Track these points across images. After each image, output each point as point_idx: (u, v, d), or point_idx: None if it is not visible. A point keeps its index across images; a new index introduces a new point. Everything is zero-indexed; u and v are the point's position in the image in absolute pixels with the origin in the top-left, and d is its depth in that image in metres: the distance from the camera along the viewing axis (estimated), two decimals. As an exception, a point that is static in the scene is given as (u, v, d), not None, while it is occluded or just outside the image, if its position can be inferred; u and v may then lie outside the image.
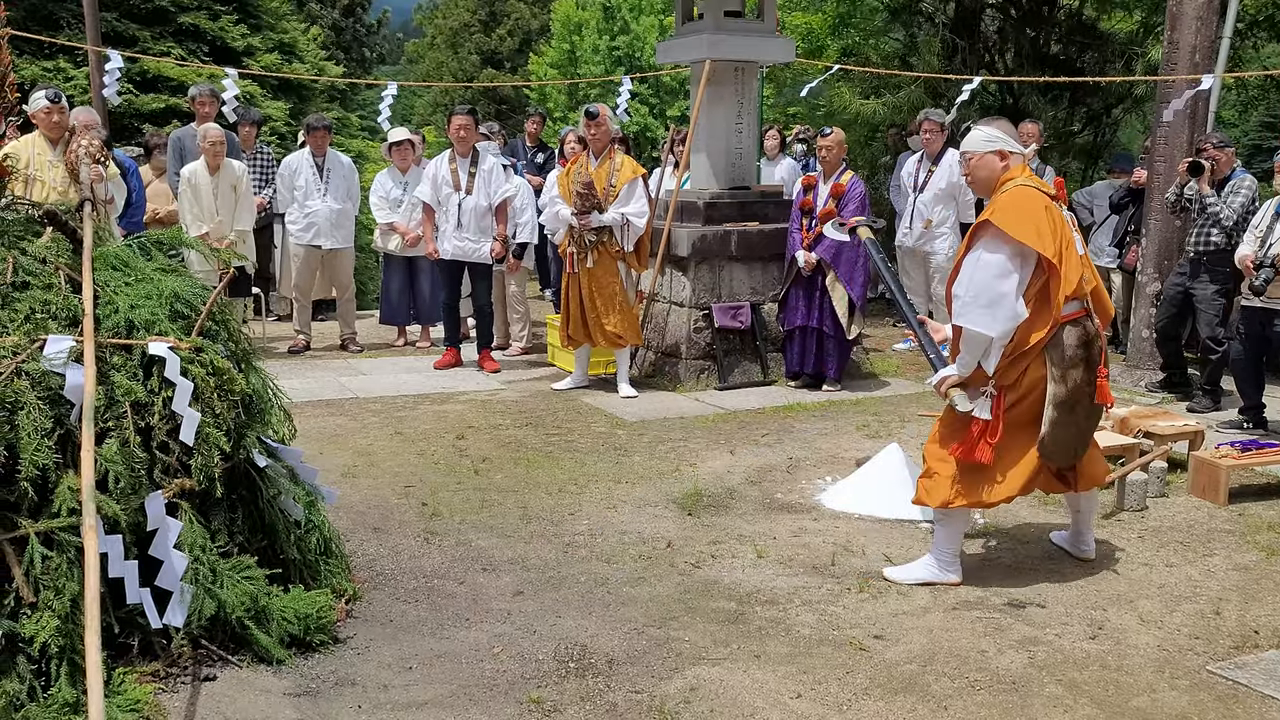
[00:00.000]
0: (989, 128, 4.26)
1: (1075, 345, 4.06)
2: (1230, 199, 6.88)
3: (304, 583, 3.80)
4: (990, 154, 4.20)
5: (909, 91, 11.50)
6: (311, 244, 8.90)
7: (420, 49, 35.48)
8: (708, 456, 6.02)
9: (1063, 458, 4.21)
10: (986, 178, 4.22)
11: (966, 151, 4.28)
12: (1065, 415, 4.08)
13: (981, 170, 4.22)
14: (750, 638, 3.78)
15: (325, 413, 6.86)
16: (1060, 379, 4.07)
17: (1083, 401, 4.11)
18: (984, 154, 4.21)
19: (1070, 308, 4.07)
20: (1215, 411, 7.08)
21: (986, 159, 4.20)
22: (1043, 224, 4.00)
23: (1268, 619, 3.97)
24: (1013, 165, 4.19)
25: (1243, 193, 6.89)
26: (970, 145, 4.26)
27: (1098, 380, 4.14)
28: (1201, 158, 6.98)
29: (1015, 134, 4.31)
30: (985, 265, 4.02)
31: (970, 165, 4.26)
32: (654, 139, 23.95)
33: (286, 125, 14.86)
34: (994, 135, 4.21)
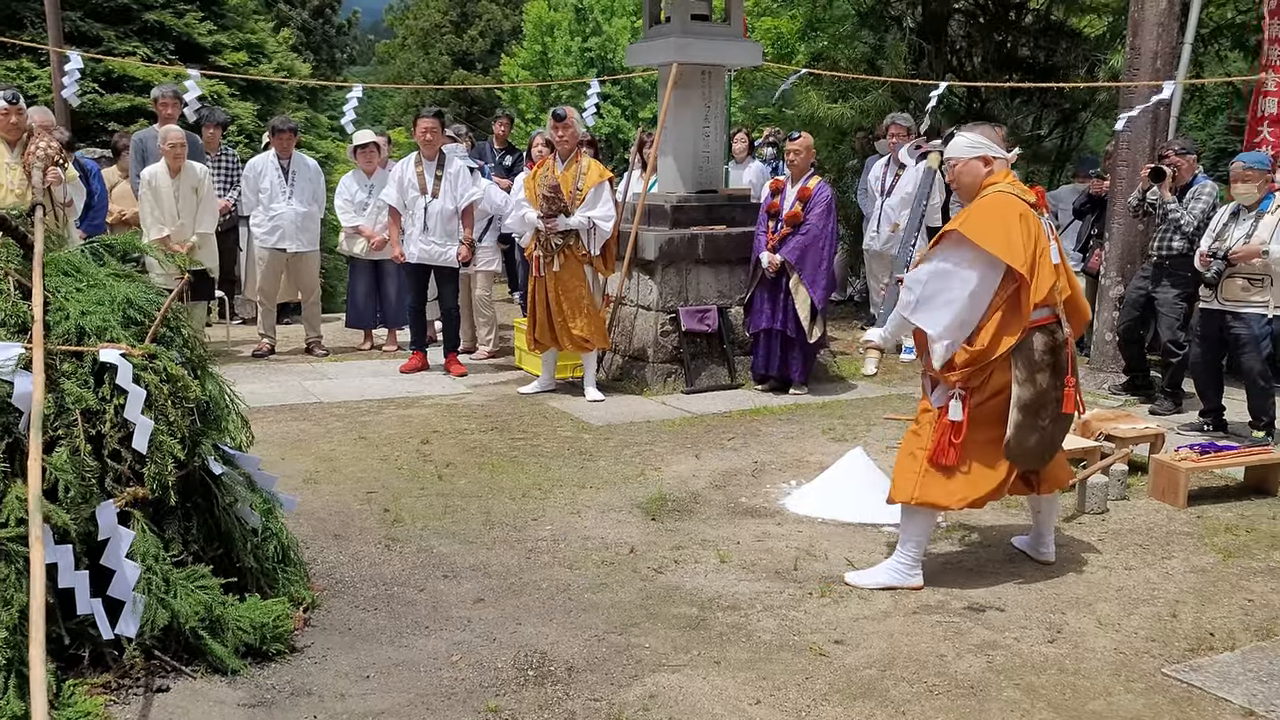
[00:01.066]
0: (973, 133, 4.31)
1: (1043, 350, 4.09)
2: (1191, 205, 6.95)
3: (261, 591, 3.76)
4: (974, 160, 4.24)
5: (876, 95, 11.55)
6: (276, 247, 8.83)
7: (391, 49, 35.29)
8: (673, 461, 6.02)
9: (1028, 461, 4.24)
10: (970, 183, 4.27)
11: (951, 158, 4.33)
12: (1030, 419, 4.11)
13: (965, 176, 4.28)
14: (711, 644, 3.77)
15: (288, 417, 6.81)
16: (1025, 381, 4.09)
17: (1049, 406, 4.13)
18: (968, 160, 4.26)
19: (1040, 314, 4.10)
20: (1177, 414, 7.15)
21: (971, 165, 4.25)
22: (1014, 232, 4.03)
23: (1222, 621, 4.01)
24: (996, 170, 4.23)
25: (1203, 199, 6.96)
26: (954, 151, 4.31)
27: (1065, 388, 4.16)
28: (1163, 164, 7.04)
29: (1000, 139, 4.34)
30: (942, 273, 4.05)
31: (955, 171, 4.31)
32: (626, 140, 23.95)
33: (255, 125, 14.73)
34: (978, 141, 4.26)
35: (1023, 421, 4.11)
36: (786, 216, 7.41)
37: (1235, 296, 6.38)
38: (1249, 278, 6.33)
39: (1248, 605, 4.16)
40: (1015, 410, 4.10)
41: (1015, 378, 4.09)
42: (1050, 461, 4.35)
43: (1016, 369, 4.09)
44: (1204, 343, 6.59)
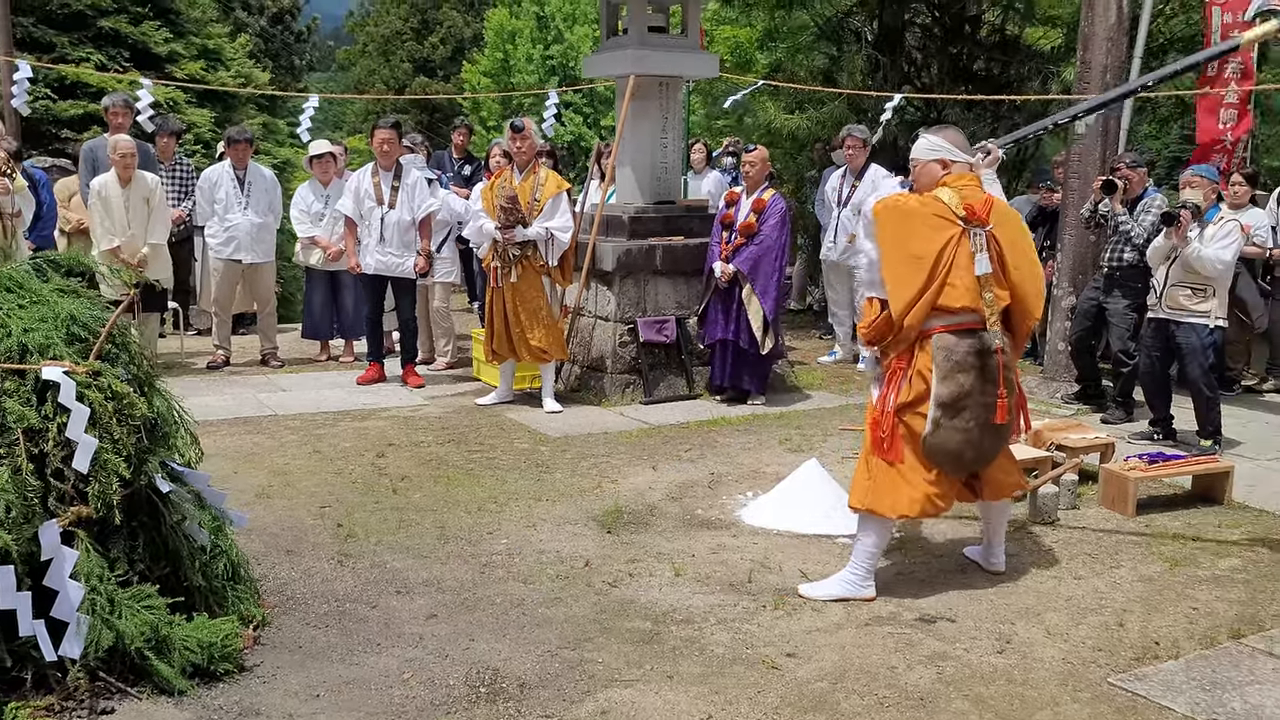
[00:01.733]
0: (935, 136, 4.44)
1: (966, 352, 4.17)
2: (1141, 217, 7.06)
3: (209, 610, 3.72)
4: (932, 162, 4.37)
5: (833, 107, 11.64)
6: (232, 258, 8.75)
7: (351, 56, 35.14)
8: (630, 472, 6.02)
9: (950, 464, 4.25)
10: (927, 184, 4.38)
11: (913, 159, 4.45)
12: (949, 418, 4.16)
13: (923, 177, 4.41)
14: (664, 658, 3.78)
15: (242, 430, 6.74)
16: (944, 379, 4.17)
17: (972, 410, 4.17)
18: (926, 162, 4.39)
19: (951, 320, 4.21)
20: (1128, 423, 7.25)
21: (929, 166, 4.38)
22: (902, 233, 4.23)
23: (1168, 630, 4.07)
24: (954, 173, 4.33)
25: (1153, 212, 7.07)
26: (915, 153, 4.45)
27: (998, 398, 4.21)
28: (1115, 176, 7.15)
29: (962, 143, 4.43)
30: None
31: (915, 172, 4.44)
32: (588, 148, 23.96)
33: (211, 133, 14.59)
34: (938, 144, 4.38)
35: (941, 418, 4.17)
36: (740, 227, 7.45)
37: (1179, 306, 6.48)
38: (1193, 287, 6.42)
39: (1192, 614, 4.23)
40: (933, 406, 4.18)
41: (935, 375, 4.18)
42: (985, 469, 4.39)
43: (936, 367, 4.18)
44: (1153, 352, 6.69)
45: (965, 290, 4.18)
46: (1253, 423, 7.36)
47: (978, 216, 4.25)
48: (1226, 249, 6.25)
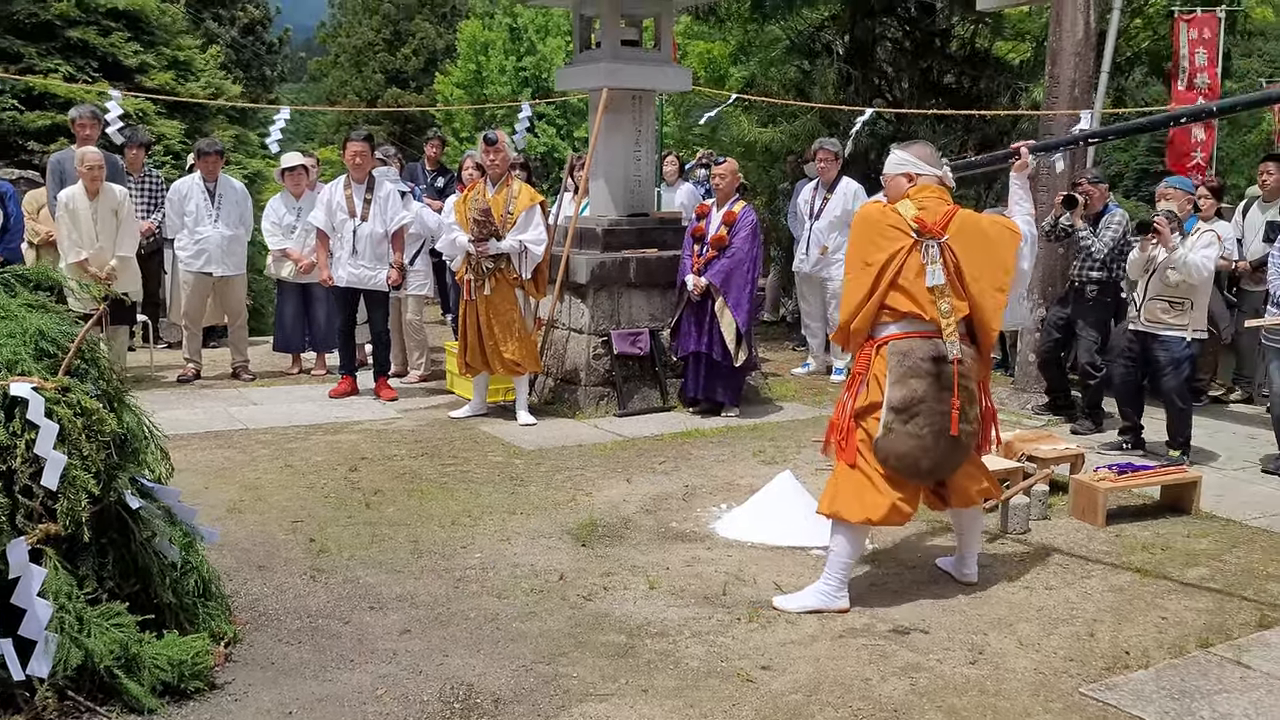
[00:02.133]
0: (903, 151, 4.53)
1: (920, 358, 4.23)
2: (1102, 233, 7.15)
3: (180, 627, 3.68)
4: (899, 176, 4.48)
5: (806, 120, 11.71)
6: (202, 271, 8.69)
7: (323, 67, 34.99)
8: (604, 485, 6.02)
9: (904, 469, 4.26)
10: (895, 197, 4.48)
11: (884, 175, 4.57)
12: (901, 422, 4.19)
13: (892, 191, 4.52)
14: (639, 672, 3.77)
15: (213, 445, 6.69)
16: (897, 383, 4.22)
17: (925, 416, 4.18)
18: (894, 175, 4.49)
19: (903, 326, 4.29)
20: (1098, 433, 7.32)
21: (896, 180, 4.49)
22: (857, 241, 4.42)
23: (1138, 640, 4.11)
24: (919, 185, 4.43)
25: (1113, 228, 7.16)
26: (885, 168, 4.56)
27: (951, 409, 4.23)
28: (1076, 192, 7.23)
29: (930, 156, 4.49)
30: None
31: (885, 187, 4.55)
32: (561, 160, 23.98)
33: (181, 144, 14.49)
34: (904, 158, 4.48)
35: (892, 422, 4.20)
36: (711, 240, 7.48)
37: (1157, 319, 6.56)
38: (1171, 301, 6.50)
39: (1162, 623, 4.27)
40: (885, 409, 4.24)
41: (889, 379, 4.23)
42: (957, 475, 4.42)
43: (890, 371, 4.24)
44: (1127, 362, 6.77)
45: (913, 297, 4.27)
46: (1220, 433, 7.45)
47: (929, 229, 4.29)
48: (1209, 257, 6.35)
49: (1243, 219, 8.25)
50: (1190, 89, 9.81)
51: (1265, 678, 3.78)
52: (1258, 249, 7.95)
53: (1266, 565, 4.94)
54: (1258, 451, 6.89)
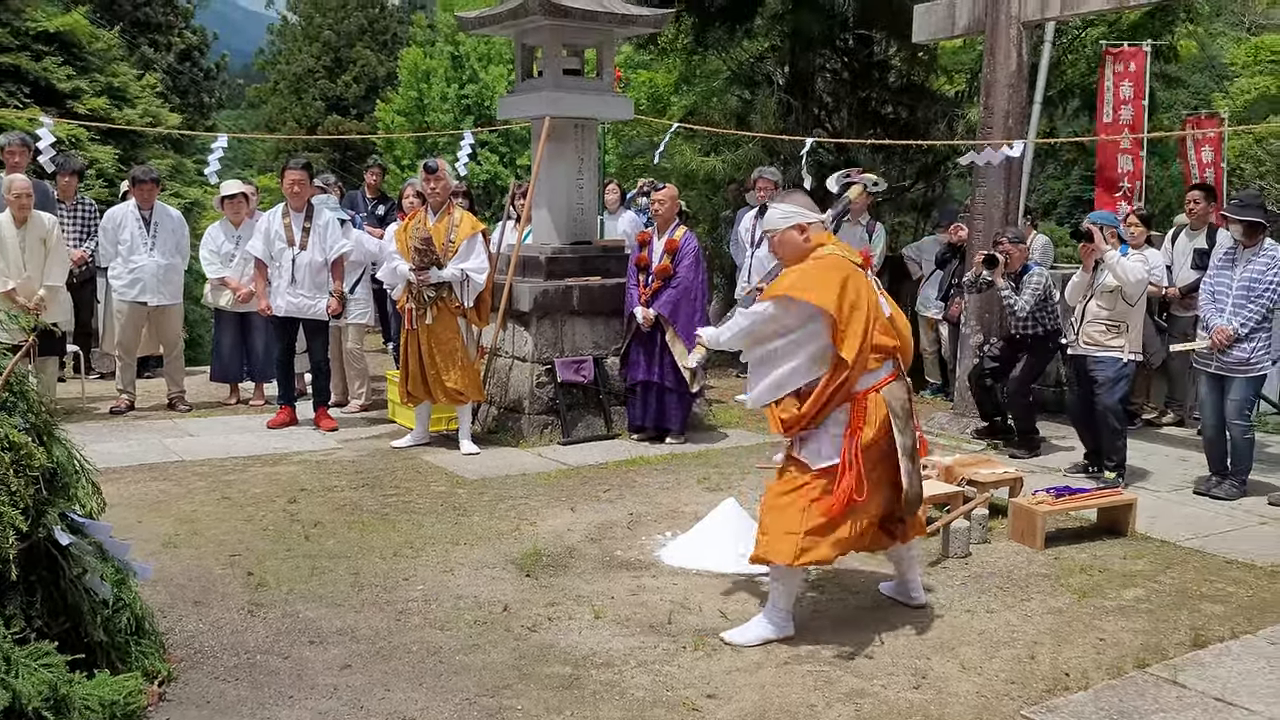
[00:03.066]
0: (785, 204, 4.41)
1: (904, 400, 4.29)
2: (1023, 291, 7.34)
3: (112, 666, 3.58)
4: (790, 229, 4.33)
5: (748, 149, 11.84)
6: (137, 300, 8.53)
7: (262, 94, 34.61)
8: (548, 514, 5.98)
9: (915, 507, 4.38)
10: (792, 253, 4.36)
11: (768, 230, 4.42)
12: (915, 464, 4.29)
13: (786, 247, 4.37)
14: (584, 703, 3.74)
15: (147, 477, 6.55)
16: (904, 430, 4.27)
17: (917, 450, 4.30)
18: (785, 230, 4.34)
19: (889, 368, 4.30)
20: (1034, 457, 7.44)
21: (788, 235, 4.34)
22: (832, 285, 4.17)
23: (1077, 661, 4.16)
24: (813, 235, 4.33)
25: (1031, 286, 7.34)
26: (771, 224, 4.41)
27: (921, 437, 4.35)
28: (997, 250, 7.40)
29: (811, 204, 4.43)
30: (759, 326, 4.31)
31: (775, 243, 4.40)
32: (504, 187, 23.94)
33: (116, 170, 14.25)
34: (790, 210, 4.35)
35: (913, 469, 4.29)
36: (656, 270, 7.51)
37: (1094, 341, 6.72)
38: (1107, 324, 6.67)
39: (1100, 644, 4.33)
40: (905, 459, 4.24)
41: (895, 427, 4.24)
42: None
43: (895, 418, 4.24)
44: (1076, 386, 6.93)
45: (888, 333, 4.28)
46: (1153, 455, 7.60)
47: (869, 263, 4.39)
48: (1140, 268, 6.58)
49: (1172, 246, 8.47)
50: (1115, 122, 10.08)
51: (1200, 697, 3.84)
52: (1186, 275, 8.16)
53: (1200, 585, 5.04)
54: (1189, 474, 7.04)
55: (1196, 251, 8.14)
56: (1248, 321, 6.37)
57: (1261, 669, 4.09)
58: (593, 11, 7.79)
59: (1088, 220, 6.94)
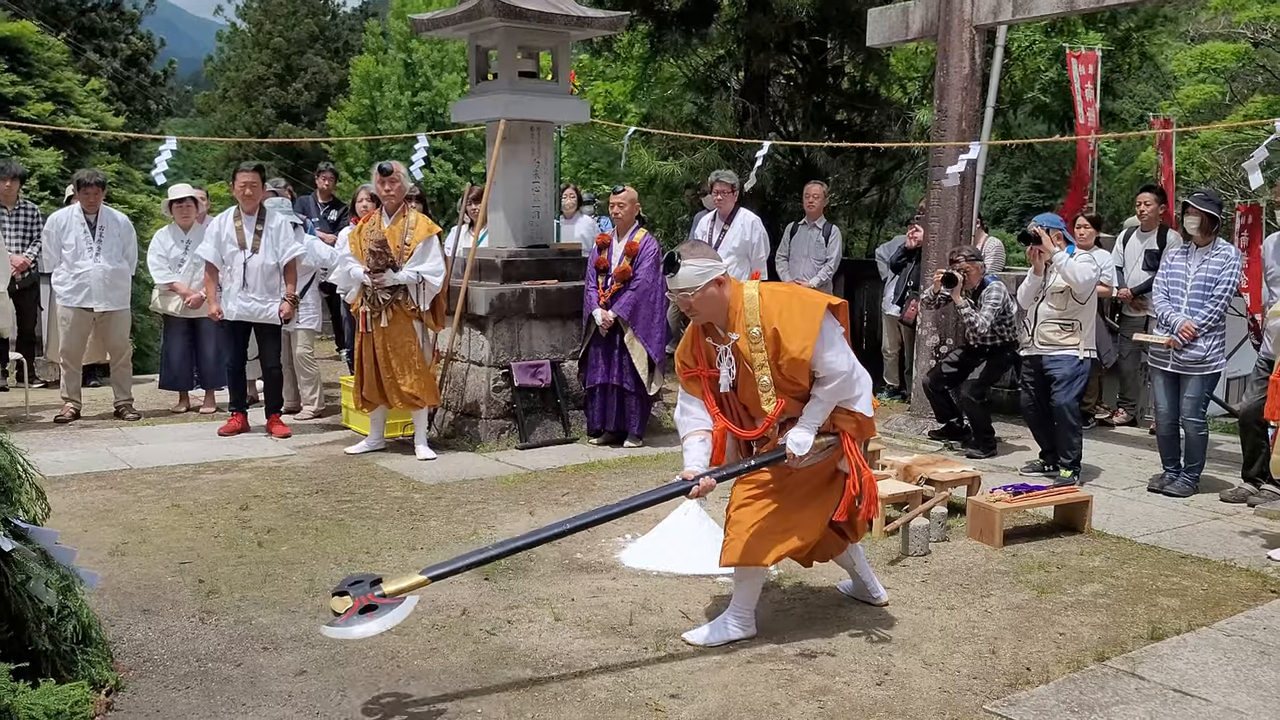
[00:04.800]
0: (695, 260, 4.07)
1: None
2: (982, 307, 7.44)
3: (58, 675, 3.48)
4: (710, 285, 4.06)
5: (704, 153, 11.85)
6: (82, 306, 8.34)
7: (211, 101, 34.22)
8: (507, 518, 5.91)
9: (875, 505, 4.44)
10: (715, 308, 4.11)
11: (684, 290, 4.07)
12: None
13: (707, 304, 4.09)
14: (545, 705, 3.69)
15: (94, 486, 6.39)
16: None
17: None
18: (704, 287, 4.05)
19: None
20: (990, 457, 7.49)
21: (708, 291, 4.06)
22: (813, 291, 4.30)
23: (1038, 655, 4.17)
24: (727, 285, 4.12)
25: (991, 302, 7.44)
26: (688, 283, 4.05)
27: None
28: (954, 269, 7.47)
29: (714, 254, 4.25)
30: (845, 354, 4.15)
31: (694, 301, 4.07)
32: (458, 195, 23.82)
33: (60, 175, 13.96)
34: (705, 266, 4.06)
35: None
36: (616, 272, 7.48)
37: (1049, 341, 6.79)
38: (1061, 323, 6.75)
39: (1060, 639, 4.35)
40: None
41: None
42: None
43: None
44: (1030, 387, 6.99)
45: None
46: (1106, 454, 7.68)
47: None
48: (1088, 268, 6.68)
49: (1123, 248, 8.58)
50: (1086, 124, 10.18)
51: (1159, 688, 3.86)
52: (1138, 276, 8.27)
53: (1156, 580, 5.08)
54: (1143, 471, 7.13)
55: (1148, 253, 8.25)
56: (1206, 320, 6.45)
57: (1218, 660, 4.13)
58: (548, 14, 7.76)
59: (1034, 223, 7.02)
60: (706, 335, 4.25)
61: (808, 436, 4.13)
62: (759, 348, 4.08)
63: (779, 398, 4.13)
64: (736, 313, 4.12)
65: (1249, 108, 17.22)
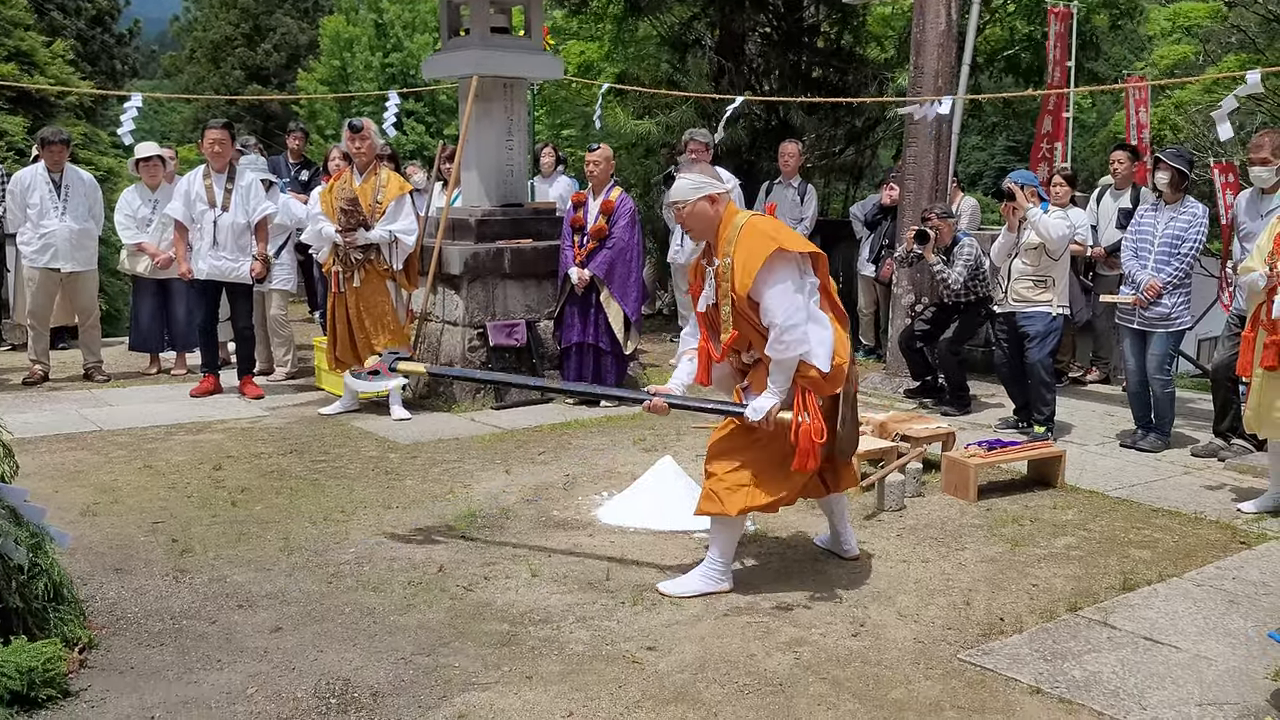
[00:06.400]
0: (692, 174, 4.22)
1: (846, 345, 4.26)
2: (954, 264, 7.43)
3: (29, 633, 3.44)
4: (701, 200, 4.16)
5: (680, 111, 11.77)
6: (49, 266, 8.21)
7: (178, 62, 33.62)
8: (483, 477, 5.90)
9: (850, 452, 4.42)
10: (704, 225, 4.20)
11: (677, 202, 4.19)
12: (852, 411, 4.30)
13: (696, 219, 4.18)
14: (522, 659, 3.69)
15: (64, 447, 6.32)
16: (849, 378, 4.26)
17: (850, 399, 4.30)
18: (695, 201, 4.16)
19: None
20: (965, 414, 7.52)
21: (699, 206, 4.16)
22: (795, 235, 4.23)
23: (1011, 606, 4.21)
24: (723, 204, 4.19)
25: (964, 258, 7.44)
26: (680, 195, 4.18)
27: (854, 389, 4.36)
28: (927, 226, 7.46)
29: (718, 174, 4.31)
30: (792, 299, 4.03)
31: (684, 215, 4.19)
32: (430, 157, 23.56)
33: (25, 140, 13.71)
34: (700, 181, 4.18)
35: (849, 415, 4.30)
36: (591, 231, 7.43)
37: (1023, 298, 6.82)
38: (1034, 280, 6.78)
39: (1033, 590, 4.39)
40: (845, 405, 4.23)
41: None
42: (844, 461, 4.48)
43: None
44: (1005, 344, 7.01)
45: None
46: (1079, 411, 7.74)
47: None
48: (1061, 224, 6.70)
49: (1097, 206, 8.60)
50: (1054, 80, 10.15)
51: (1130, 636, 3.91)
52: (1111, 235, 8.29)
53: (1128, 532, 5.13)
54: (1115, 428, 7.19)
55: (1121, 211, 8.27)
56: (1171, 277, 6.48)
57: (1188, 609, 4.18)
58: (520, -33, 7.65)
59: (1008, 179, 7.02)
60: (703, 255, 4.32)
61: (766, 403, 4.11)
62: (726, 277, 4.12)
63: (734, 329, 4.17)
64: (722, 238, 4.16)
65: (1222, 67, 17.24)
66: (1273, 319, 5.22)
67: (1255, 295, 5.43)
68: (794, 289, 4.06)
